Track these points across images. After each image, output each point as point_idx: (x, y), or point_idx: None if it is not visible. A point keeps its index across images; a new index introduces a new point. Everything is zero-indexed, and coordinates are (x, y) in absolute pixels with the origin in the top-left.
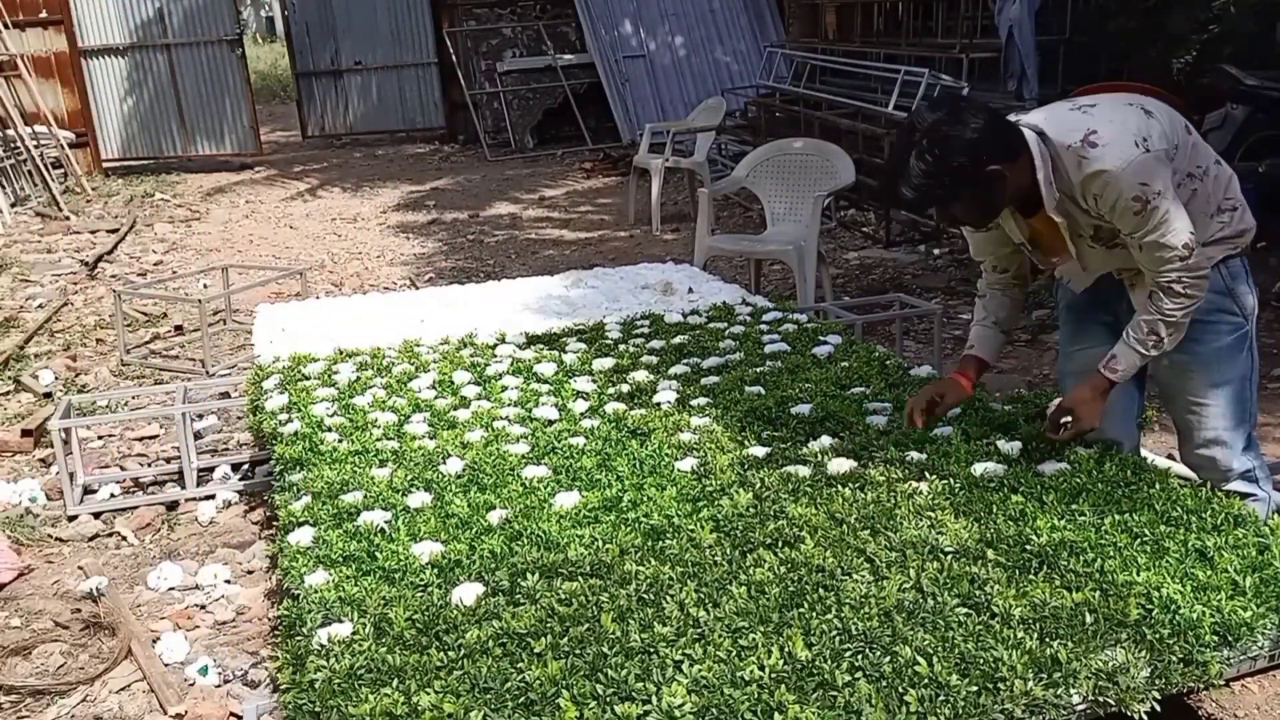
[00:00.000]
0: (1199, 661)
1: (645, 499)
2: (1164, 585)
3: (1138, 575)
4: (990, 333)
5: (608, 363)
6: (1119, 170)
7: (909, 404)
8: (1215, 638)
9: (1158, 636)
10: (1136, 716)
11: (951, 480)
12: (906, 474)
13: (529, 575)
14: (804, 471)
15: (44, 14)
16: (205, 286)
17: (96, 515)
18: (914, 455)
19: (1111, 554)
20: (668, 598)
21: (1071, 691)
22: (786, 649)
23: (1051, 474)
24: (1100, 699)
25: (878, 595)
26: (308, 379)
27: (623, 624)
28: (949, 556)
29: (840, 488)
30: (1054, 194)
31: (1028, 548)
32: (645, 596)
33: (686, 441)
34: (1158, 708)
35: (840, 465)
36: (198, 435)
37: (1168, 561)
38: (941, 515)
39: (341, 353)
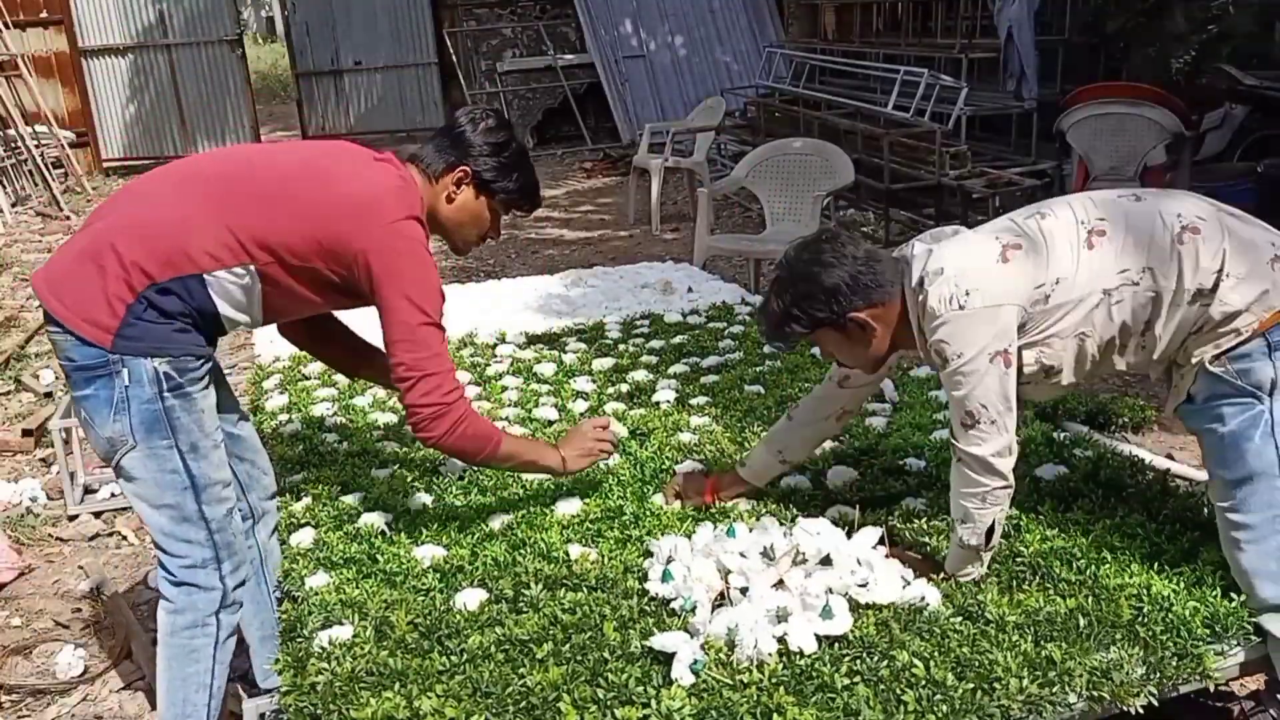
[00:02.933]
0: (1193, 655)
1: (647, 513)
2: (1154, 584)
3: (1129, 577)
4: (769, 459)
5: (607, 363)
6: (929, 327)
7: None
8: (1207, 632)
9: (1151, 633)
10: (1133, 712)
11: (948, 491)
12: (904, 488)
13: (533, 585)
14: (803, 477)
15: (44, 14)
16: None
17: (97, 515)
18: (913, 464)
19: (1105, 559)
20: (669, 609)
21: (1068, 689)
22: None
23: (1049, 479)
24: (1096, 695)
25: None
26: (308, 379)
27: (624, 632)
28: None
29: (838, 506)
30: (925, 343)
31: (1018, 560)
32: (647, 608)
33: (686, 442)
34: (1155, 703)
35: (840, 473)
36: None
37: (1159, 561)
38: (938, 523)
39: None
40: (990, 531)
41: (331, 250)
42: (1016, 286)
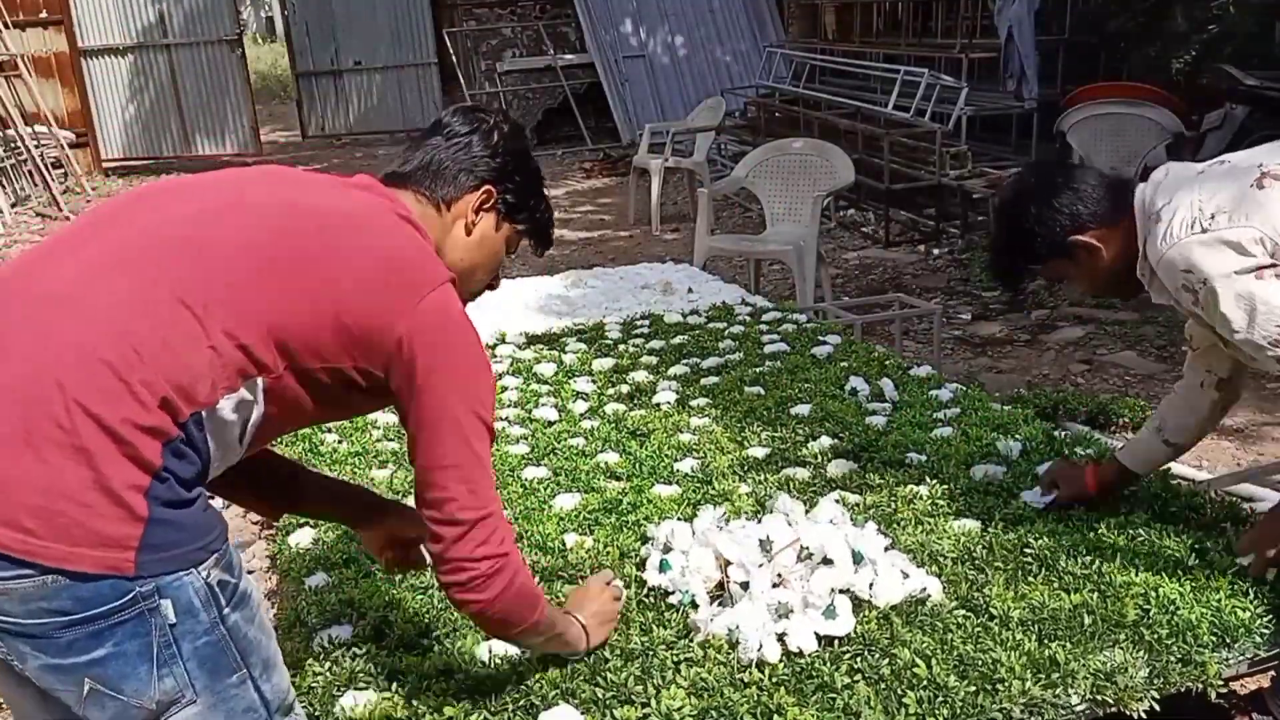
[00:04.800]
0: (1197, 661)
1: (645, 501)
2: (1162, 585)
3: (1136, 575)
4: (1151, 441)
5: (607, 363)
6: (1158, 254)
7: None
8: (1213, 638)
9: (1156, 637)
10: (1135, 716)
11: (951, 483)
12: (906, 476)
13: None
14: (804, 474)
15: (44, 14)
16: None
17: None
18: (914, 457)
19: (1110, 555)
20: (667, 601)
21: (1070, 692)
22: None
23: None
24: (1099, 698)
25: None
26: None
27: (623, 626)
28: (948, 559)
29: (840, 491)
30: (1145, 268)
31: (1026, 550)
32: (645, 600)
33: (686, 442)
34: (1156, 708)
35: (840, 466)
36: None
37: (1166, 561)
38: (941, 519)
39: None
40: None
41: (363, 340)
42: (1270, 216)
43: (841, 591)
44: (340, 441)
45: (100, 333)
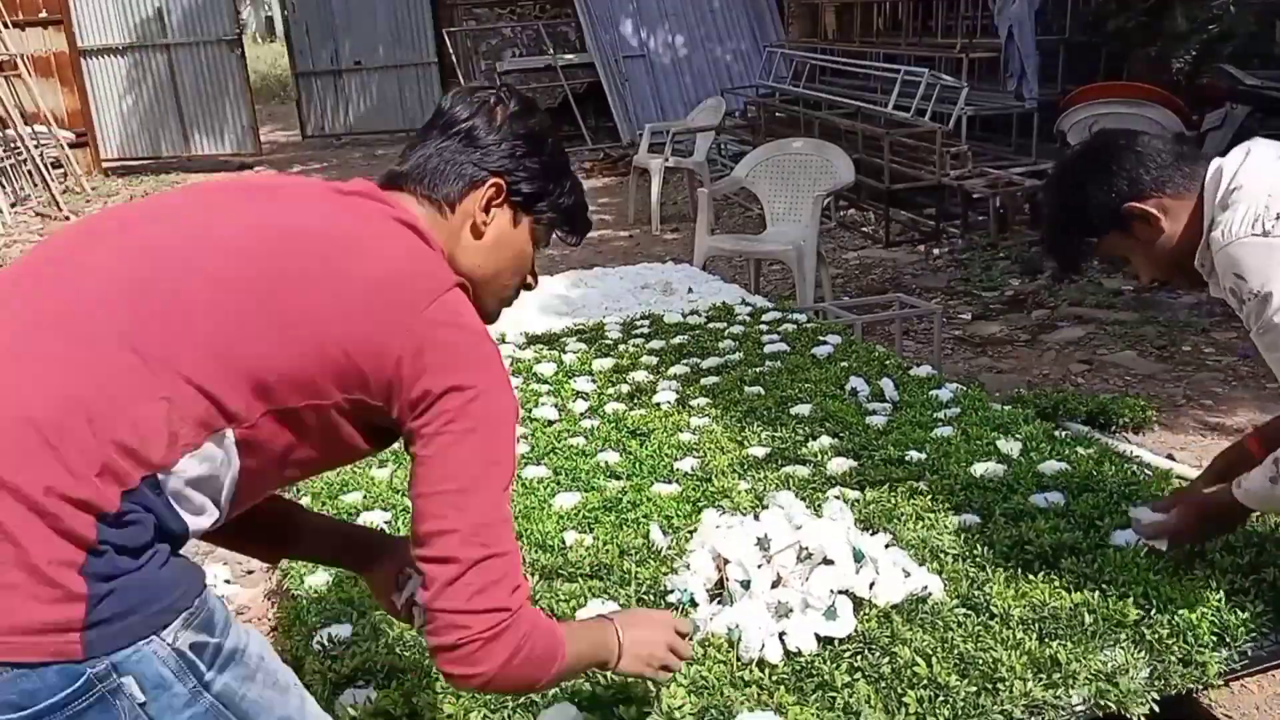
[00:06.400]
0: (1198, 662)
1: (645, 499)
2: (1162, 585)
3: (1136, 575)
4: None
5: (607, 363)
6: (1218, 247)
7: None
8: (1214, 638)
9: (1156, 637)
10: (1135, 718)
11: (952, 480)
12: (906, 474)
13: (529, 576)
14: (804, 472)
15: (44, 14)
16: None
17: None
18: (914, 455)
19: (1111, 554)
20: (666, 600)
21: (1071, 692)
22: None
23: (1052, 474)
24: (1100, 700)
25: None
26: None
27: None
28: (948, 557)
29: (840, 488)
30: (1206, 257)
31: (1027, 548)
32: (645, 598)
33: (686, 441)
34: (1157, 709)
35: (840, 465)
36: None
37: (1166, 561)
38: (941, 516)
39: None
40: None
41: (356, 370)
42: None
43: (841, 592)
44: None
45: (31, 391)
